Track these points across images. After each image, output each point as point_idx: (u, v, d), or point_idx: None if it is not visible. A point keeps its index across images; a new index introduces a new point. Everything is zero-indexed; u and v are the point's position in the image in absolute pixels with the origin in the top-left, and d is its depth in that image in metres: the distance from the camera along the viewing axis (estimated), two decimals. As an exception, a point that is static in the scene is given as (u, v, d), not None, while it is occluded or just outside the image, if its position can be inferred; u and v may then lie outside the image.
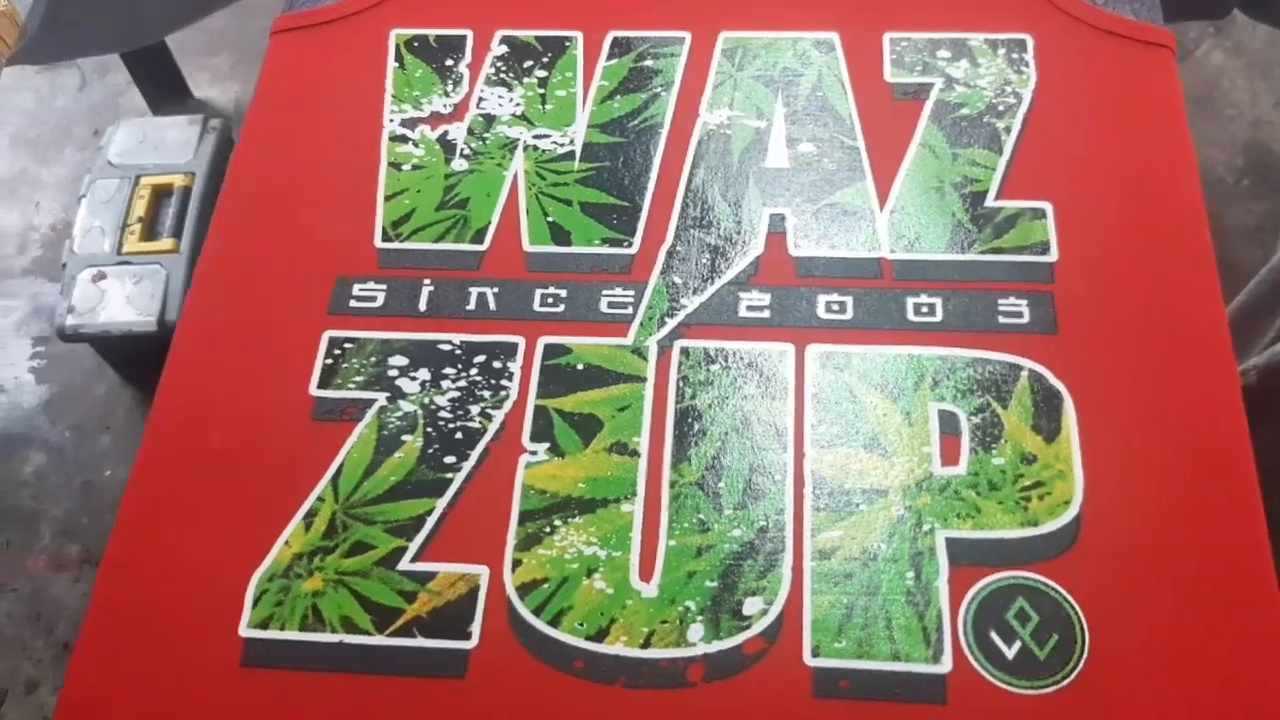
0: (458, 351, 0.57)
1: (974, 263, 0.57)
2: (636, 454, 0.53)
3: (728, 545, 0.51)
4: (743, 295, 0.57)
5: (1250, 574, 0.48)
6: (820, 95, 0.64)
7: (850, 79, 0.64)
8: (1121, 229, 0.58)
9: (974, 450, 0.52)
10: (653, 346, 0.56)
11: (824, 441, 0.53)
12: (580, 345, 0.56)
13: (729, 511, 0.51)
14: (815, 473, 0.52)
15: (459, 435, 0.54)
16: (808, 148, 0.62)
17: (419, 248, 0.60)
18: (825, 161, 0.62)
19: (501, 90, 0.66)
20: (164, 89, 1.50)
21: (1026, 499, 0.51)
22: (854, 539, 0.50)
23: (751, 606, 0.49)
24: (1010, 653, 0.47)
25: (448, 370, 0.56)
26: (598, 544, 0.51)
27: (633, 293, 0.58)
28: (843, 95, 0.64)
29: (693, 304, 0.57)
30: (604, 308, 0.57)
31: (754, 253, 0.59)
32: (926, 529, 0.50)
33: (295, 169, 0.64)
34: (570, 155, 0.63)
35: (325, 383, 0.56)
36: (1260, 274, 0.77)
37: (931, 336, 0.56)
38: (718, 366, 0.55)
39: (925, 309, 0.56)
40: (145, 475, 0.55)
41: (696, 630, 0.49)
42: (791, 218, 0.60)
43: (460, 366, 0.56)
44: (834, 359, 0.55)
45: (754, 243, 0.59)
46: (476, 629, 0.49)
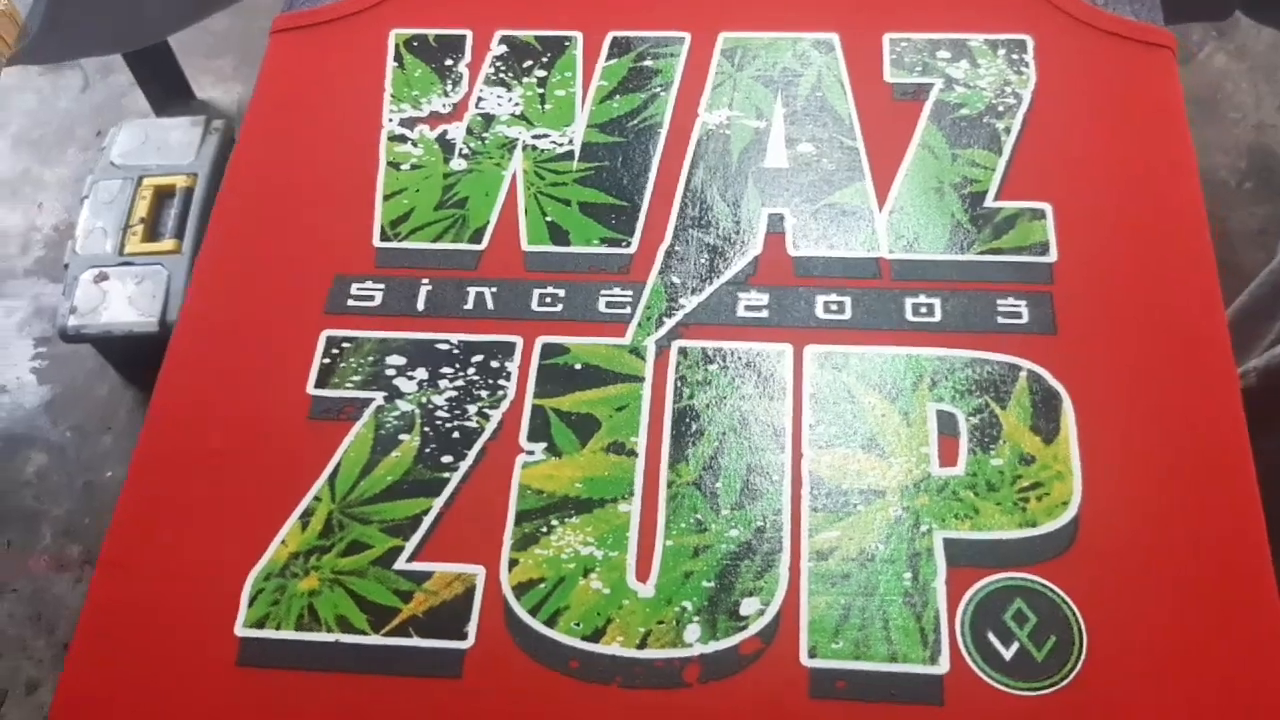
0: (455, 351, 0.56)
1: (973, 263, 0.57)
2: (634, 454, 0.53)
3: (725, 545, 0.50)
4: (741, 295, 0.57)
5: (1250, 576, 0.48)
6: (820, 95, 0.64)
7: (850, 79, 0.64)
8: (1121, 230, 0.58)
9: (972, 451, 0.52)
10: (651, 346, 0.56)
11: (822, 442, 0.53)
12: (578, 345, 0.56)
13: (726, 512, 0.51)
14: (813, 473, 0.52)
15: (456, 435, 0.54)
16: (807, 148, 0.62)
17: (417, 247, 0.60)
18: (824, 162, 0.62)
19: (501, 90, 0.66)
20: (167, 90, 1.50)
21: (1025, 500, 0.51)
22: (851, 539, 0.50)
23: (748, 607, 0.49)
24: (1008, 654, 0.47)
25: (445, 370, 0.56)
26: (594, 544, 0.51)
27: (631, 292, 0.58)
28: (842, 95, 0.64)
29: (691, 304, 0.57)
30: (602, 307, 0.57)
31: (753, 253, 0.59)
32: (924, 529, 0.50)
33: (294, 168, 0.64)
34: (569, 155, 0.63)
35: (323, 382, 0.56)
36: (1260, 276, 0.77)
37: (930, 337, 0.55)
38: (716, 366, 0.55)
39: (924, 309, 0.56)
40: (142, 474, 0.54)
41: (693, 630, 0.48)
42: (790, 218, 0.60)
43: (458, 366, 0.56)
44: (832, 359, 0.55)
45: (753, 243, 0.59)
46: (472, 629, 0.49)
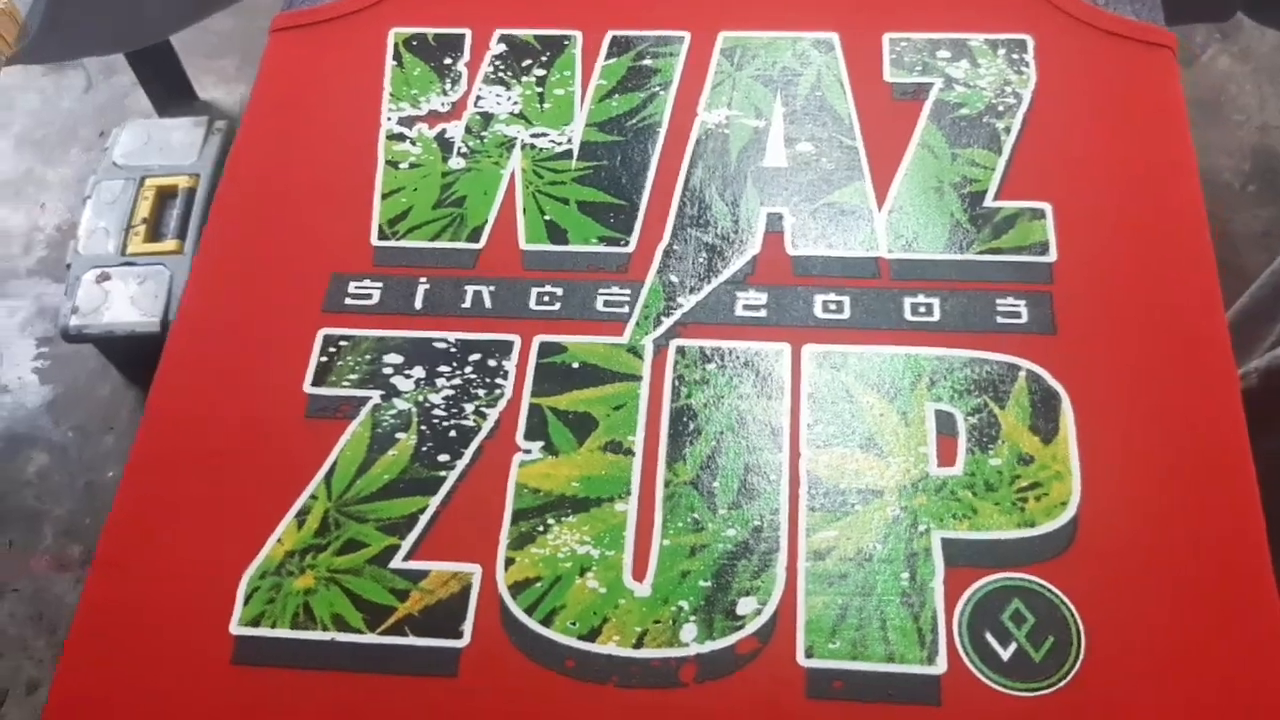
0: (453, 349, 0.56)
1: (972, 263, 0.57)
2: (631, 453, 0.53)
3: (722, 545, 0.50)
4: (739, 294, 0.57)
5: (1249, 576, 0.48)
6: (819, 95, 0.64)
7: (849, 79, 0.64)
8: (1121, 230, 0.58)
9: (971, 451, 0.52)
10: (648, 345, 0.56)
11: (820, 441, 0.53)
12: (576, 344, 0.56)
13: (723, 511, 0.51)
14: (811, 473, 0.52)
15: (453, 433, 0.54)
16: (806, 147, 0.62)
17: (415, 246, 0.60)
18: (823, 161, 0.61)
19: (500, 89, 0.66)
20: (169, 90, 1.50)
21: (1023, 500, 0.50)
22: (849, 539, 0.50)
23: (745, 606, 0.49)
24: (1005, 654, 0.47)
25: (442, 368, 0.56)
26: (591, 543, 0.51)
27: (629, 291, 0.57)
28: (842, 95, 0.64)
29: (689, 303, 0.57)
30: (600, 306, 0.57)
31: (751, 252, 0.58)
32: (922, 529, 0.50)
33: (292, 167, 0.63)
34: (568, 154, 0.63)
35: (320, 380, 0.56)
36: (1262, 277, 0.77)
37: (929, 336, 0.55)
38: (713, 365, 0.55)
39: (923, 309, 0.56)
40: (139, 472, 0.54)
41: (689, 630, 0.48)
42: (789, 217, 0.59)
43: (455, 364, 0.56)
44: (830, 358, 0.55)
45: (751, 242, 0.59)
46: (468, 628, 0.49)
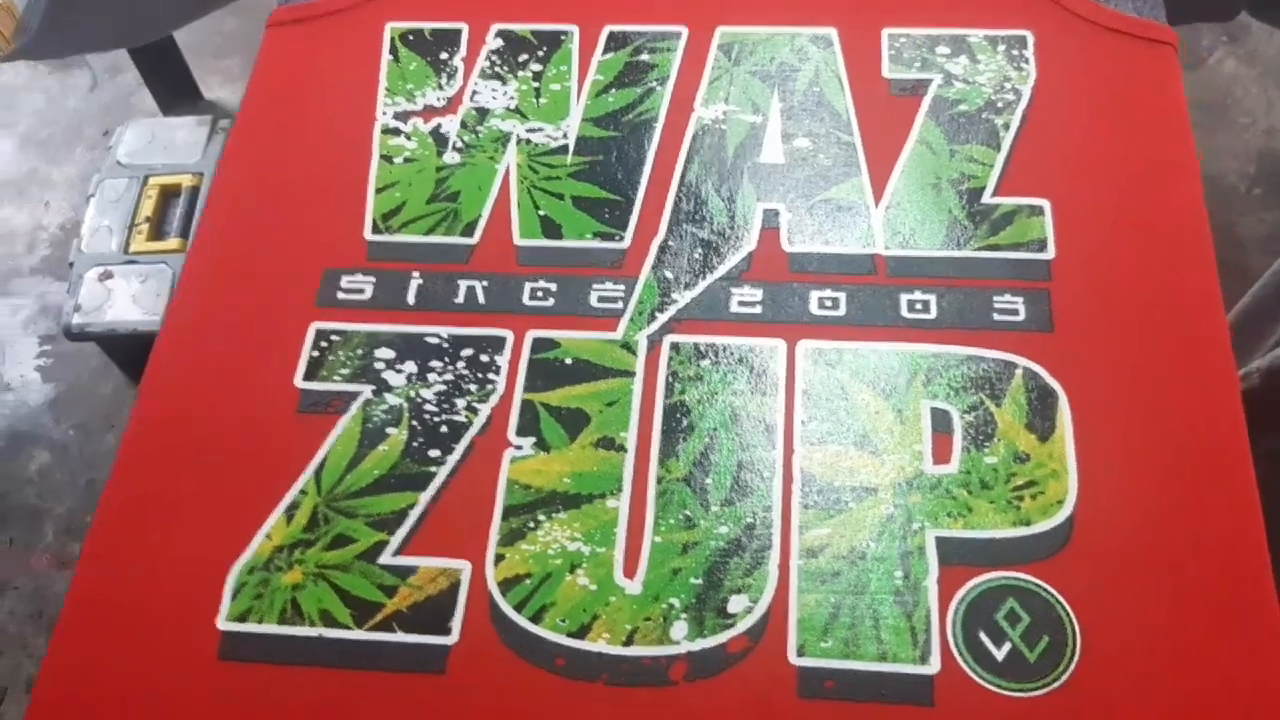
0: (445, 345, 0.56)
1: (969, 259, 0.57)
2: (623, 449, 0.52)
3: (714, 542, 0.50)
4: (734, 291, 0.57)
5: (1248, 577, 0.47)
6: (817, 91, 0.63)
7: (848, 74, 0.64)
8: (1120, 227, 0.57)
9: (966, 448, 0.51)
10: (642, 341, 0.55)
11: (814, 438, 0.52)
12: (569, 339, 0.56)
13: (716, 508, 0.51)
14: (804, 470, 0.51)
15: (444, 429, 0.53)
16: (803, 143, 0.62)
17: (409, 240, 0.59)
18: (821, 157, 0.61)
19: (496, 84, 0.65)
20: (175, 90, 1.51)
21: (1019, 498, 0.50)
22: (842, 537, 0.49)
23: (736, 604, 0.48)
24: (1000, 654, 0.46)
25: (434, 363, 0.55)
26: (582, 540, 0.50)
27: (623, 287, 0.57)
28: (840, 91, 0.63)
29: (684, 299, 0.56)
30: (594, 302, 0.57)
31: (747, 248, 0.58)
32: (916, 528, 0.49)
33: (288, 161, 0.63)
34: (563, 149, 0.62)
35: (311, 375, 0.56)
36: (1264, 277, 0.76)
37: (925, 333, 0.55)
38: (708, 362, 0.55)
39: (919, 305, 0.55)
40: (129, 466, 0.54)
41: (680, 628, 0.48)
42: (786, 213, 0.59)
43: (447, 360, 0.55)
44: (825, 355, 0.54)
45: (747, 238, 0.58)
46: (457, 624, 0.48)
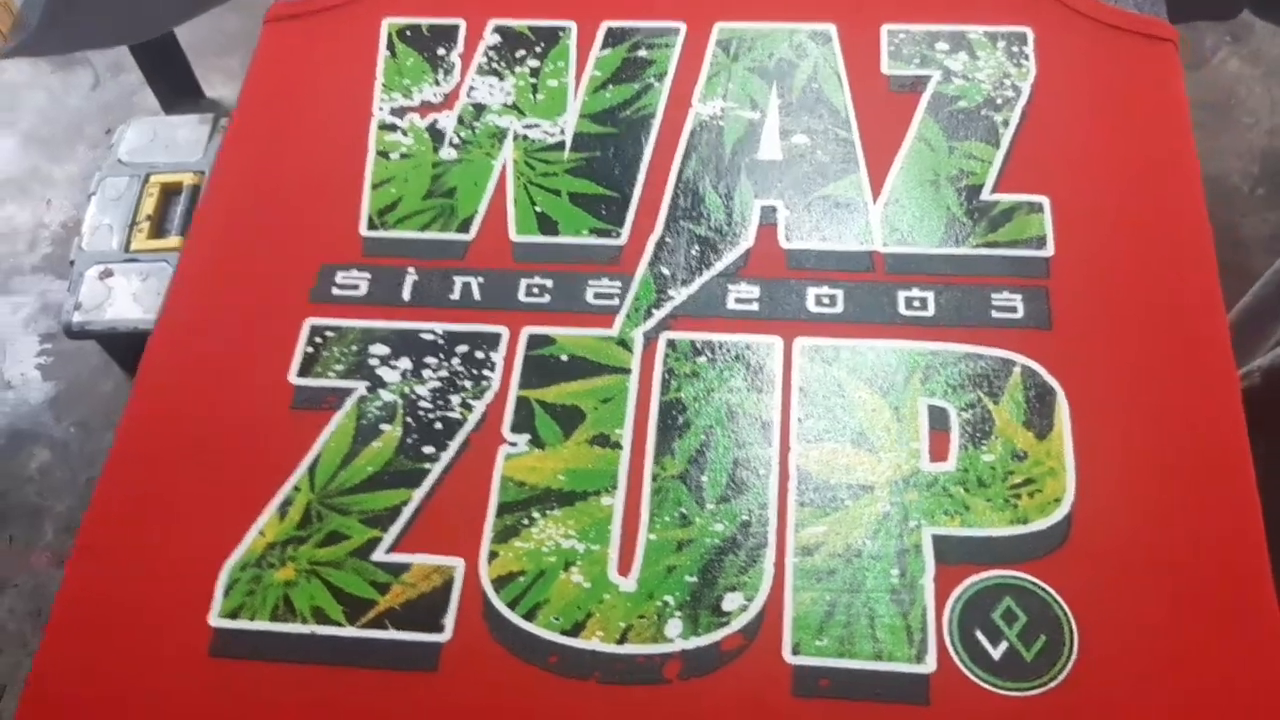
0: (440, 341, 0.56)
1: (968, 256, 0.56)
2: (618, 446, 0.52)
3: (709, 540, 0.49)
4: (731, 288, 0.56)
5: (1247, 576, 0.47)
6: (816, 87, 0.63)
7: (846, 71, 0.63)
8: (1120, 224, 0.57)
9: (964, 446, 0.51)
10: (638, 338, 0.55)
11: (810, 436, 0.52)
12: (565, 336, 0.55)
13: (711, 506, 0.50)
14: (801, 467, 0.51)
15: (439, 425, 0.53)
16: (801, 140, 0.61)
17: (404, 236, 0.59)
18: (819, 154, 0.61)
19: (493, 80, 0.65)
20: (177, 88, 1.51)
21: (1016, 496, 0.49)
22: (838, 535, 0.49)
23: (731, 602, 0.48)
24: (996, 653, 0.46)
25: (429, 360, 0.55)
26: (576, 537, 0.50)
27: (619, 284, 0.57)
28: (838, 87, 0.63)
29: (680, 296, 0.56)
30: (590, 298, 0.56)
31: (744, 245, 0.58)
32: (913, 526, 0.49)
33: (284, 156, 0.63)
34: (560, 145, 0.62)
35: (305, 371, 0.55)
36: (1266, 276, 0.76)
37: (923, 331, 0.54)
38: (704, 359, 0.54)
39: (917, 303, 0.55)
40: (122, 461, 0.54)
41: (674, 626, 0.47)
42: (783, 210, 0.59)
43: (442, 356, 0.55)
44: (822, 352, 0.54)
45: (744, 235, 0.58)
46: (450, 622, 0.48)
